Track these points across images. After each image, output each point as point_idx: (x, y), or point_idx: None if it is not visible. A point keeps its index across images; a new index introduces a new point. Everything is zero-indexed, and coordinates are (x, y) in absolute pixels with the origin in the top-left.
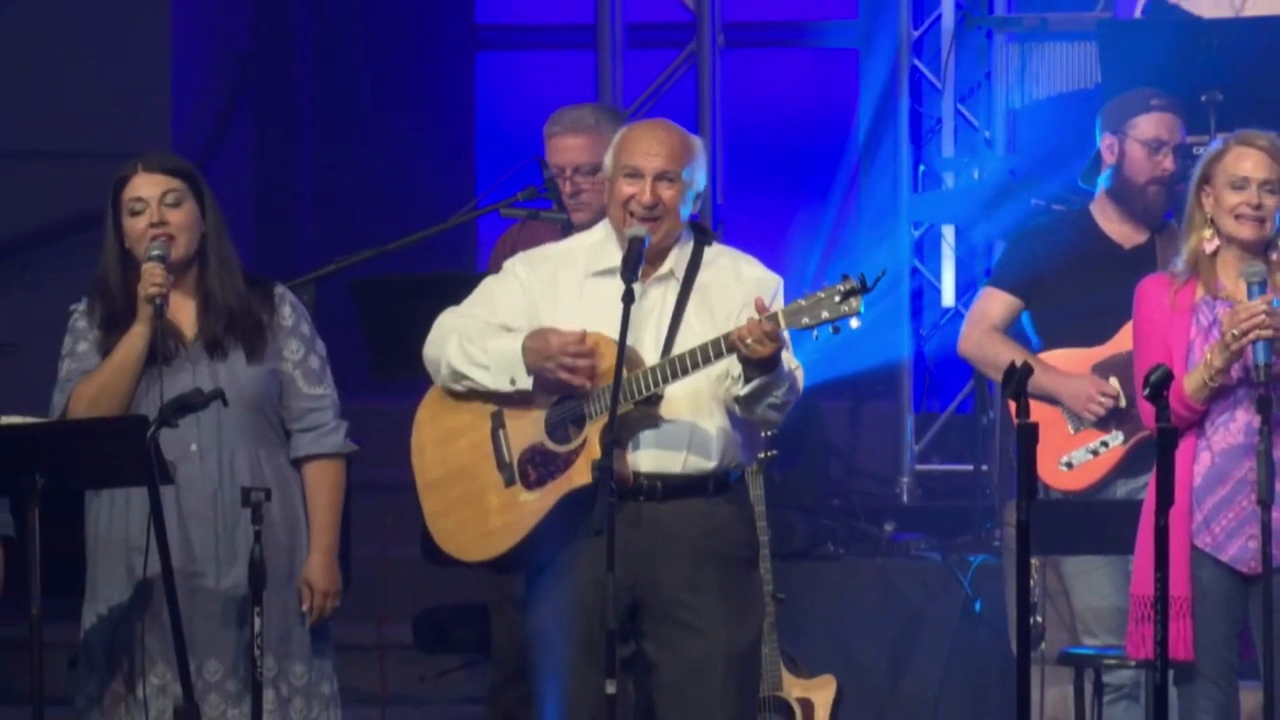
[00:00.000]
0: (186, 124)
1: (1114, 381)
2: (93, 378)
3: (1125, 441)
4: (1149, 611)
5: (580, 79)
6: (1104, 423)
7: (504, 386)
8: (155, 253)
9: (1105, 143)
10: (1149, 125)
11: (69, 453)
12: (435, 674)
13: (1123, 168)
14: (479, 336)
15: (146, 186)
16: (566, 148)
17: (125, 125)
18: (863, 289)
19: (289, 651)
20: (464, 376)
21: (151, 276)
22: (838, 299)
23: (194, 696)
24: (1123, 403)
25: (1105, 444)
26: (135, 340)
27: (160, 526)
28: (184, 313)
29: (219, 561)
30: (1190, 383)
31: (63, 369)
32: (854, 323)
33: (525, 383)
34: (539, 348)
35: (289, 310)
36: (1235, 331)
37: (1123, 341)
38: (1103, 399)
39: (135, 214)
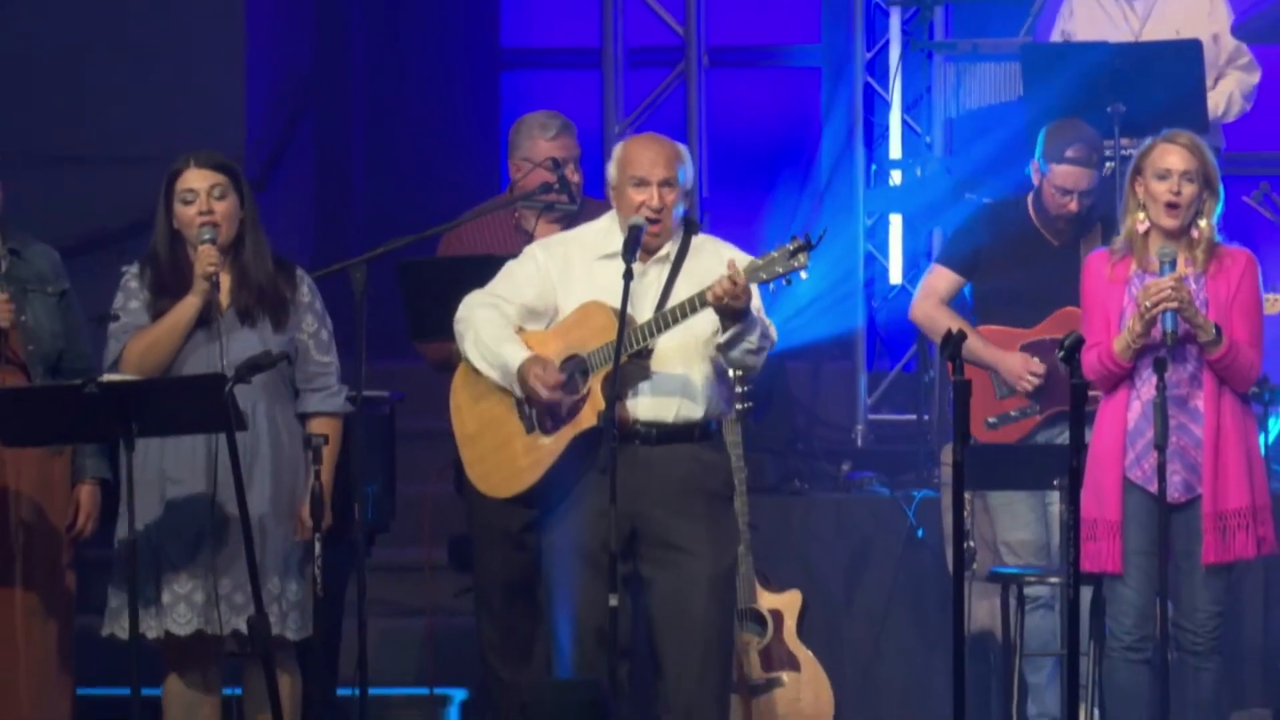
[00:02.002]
0: (258, 132)
1: (1038, 361)
2: (146, 334)
3: (1041, 412)
4: (1091, 531)
5: (588, 94)
6: (1029, 395)
7: (504, 386)
8: (207, 236)
9: (1033, 164)
10: (1060, 175)
11: (158, 406)
12: (467, 589)
13: (1041, 194)
14: (492, 341)
15: (197, 180)
16: (567, 145)
17: (208, 133)
18: (808, 246)
19: (288, 572)
20: (476, 367)
21: (208, 257)
22: (788, 256)
23: (263, 608)
24: (1044, 383)
25: (1025, 412)
26: (188, 308)
27: (237, 469)
28: (221, 286)
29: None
30: (1118, 344)
31: (114, 324)
32: (803, 275)
33: (519, 392)
34: (530, 377)
35: (307, 290)
36: (1147, 304)
37: (1047, 328)
38: (1032, 376)
39: (187, 203)
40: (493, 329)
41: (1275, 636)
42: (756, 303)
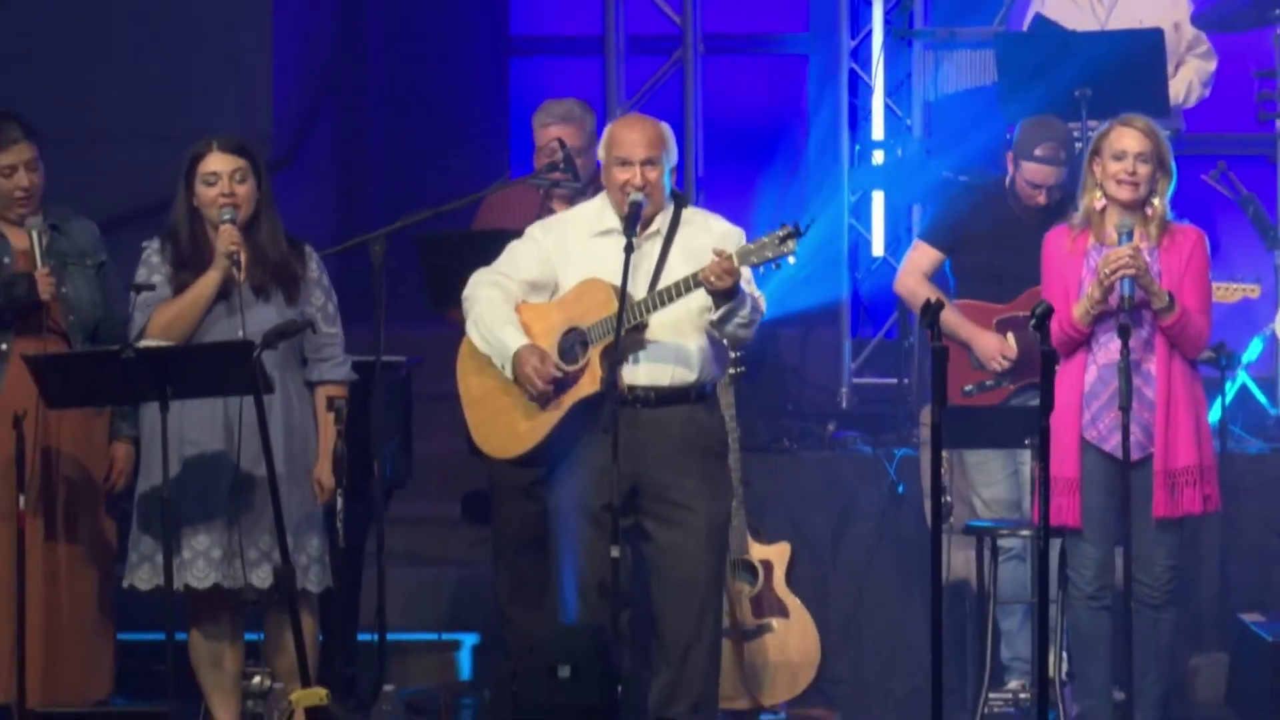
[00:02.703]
0: (284, 114)
1: (1011, 338)
2: (170, 306)
3: (1014, 383)
4: (1050, 488)
5: (591, 79)
6: (1002, 373)
7: (498, 365)
8: (227, 216)
9: (1009, 155)
10: (1029, 171)
11: (191, 370)
12: (478, 541)
13: (1015, 184)
14: (492, 323)
15: (220, 163)
16: (566, 131)
17: (238, 115)
18: (796, 234)
19: (308, 530)
20: (476, 344)
21: (230, 237)
22: (778, 242)
23: (289, 559)
24: (1014, 363)
25: (999, 381)
26: (209, 284)
27: (264, 430)
28: (239, 262)
29: (255, 454)
30: (1077, 310)
31: (139, 295)
32: (790, 260)
33: (510, 374)
34: (522, 364)
35: (315, 266)
36: (1106, 270)
37: (1022, 304)
38: (1004, 359)
39: (209, 185)
40: (493, 310)
41: (1231, 587)
42: (746, 274)
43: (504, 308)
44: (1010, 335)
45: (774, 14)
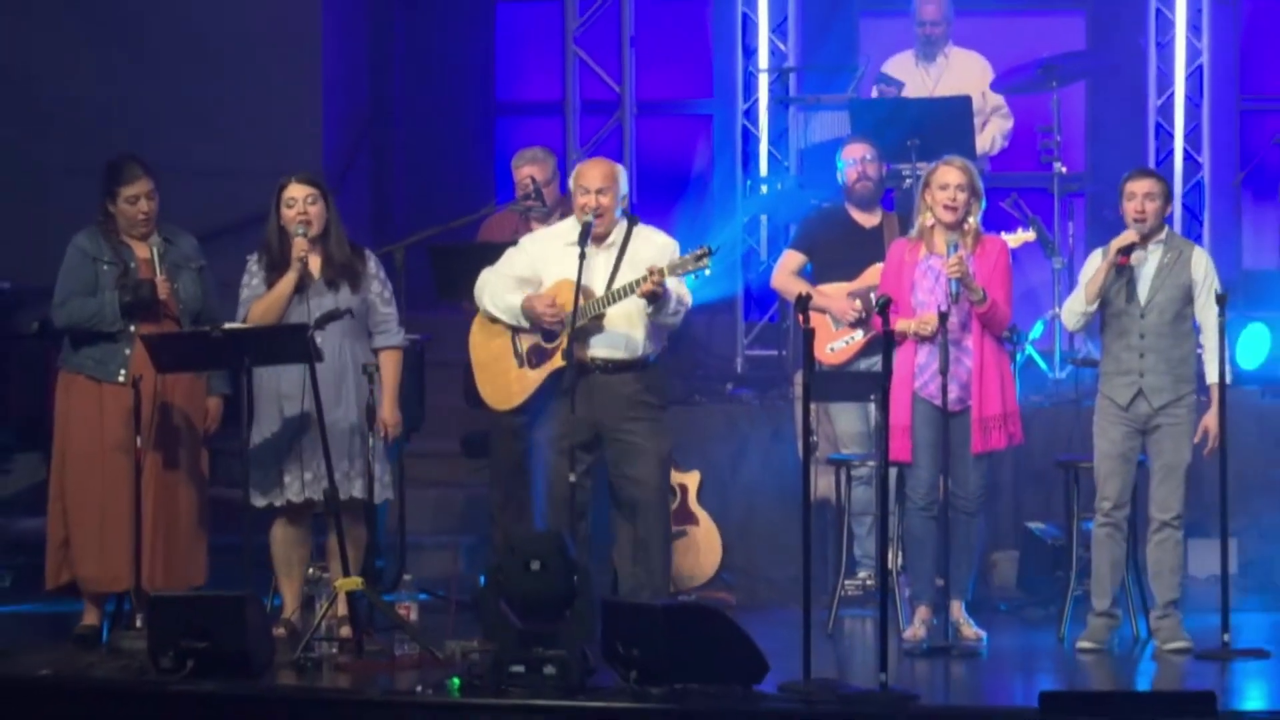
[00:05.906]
0: (331, 155)
1: (858, 301)
2: (261, 300)
3: (864, 337)
4: (890, 432)
5: (555, 132)
6: (854, 325)
7: (514, 324)
8: (300, 231)
9: (839, 174)
10: (846, 152)
11: (263, 345)
12: (474, 470)
13: (844, 179)
14: (500, 294)
15: (298, 191)
16: (532, 170)
17: (294, 156)
18: (709, 253)
19: (375, 458)
20: (494, 316)
21: (300, 247)
22: (695, 259)
23: (335, 484)
24: (863, 315)
25: (853, 337)
26: (287, 283)
27: (315, 387)
28: (314, 263)
29: (330, 404)
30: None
31: (243, 294)
32: (707, 271)
33: (525, 324)
34: (530, 308)
35: (373, 265)
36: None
37: (865, 279)
38: (854, 311)
39: (290, 207)
40: (501, 286)
41: (1022, 502)
42: (677, 279)
43: (510, 285)
44: (858, 300)
45: (688, 85)
